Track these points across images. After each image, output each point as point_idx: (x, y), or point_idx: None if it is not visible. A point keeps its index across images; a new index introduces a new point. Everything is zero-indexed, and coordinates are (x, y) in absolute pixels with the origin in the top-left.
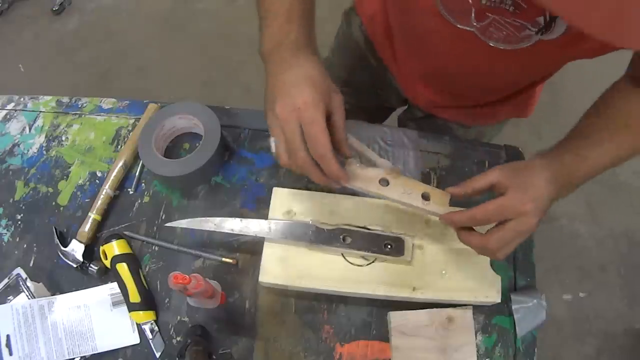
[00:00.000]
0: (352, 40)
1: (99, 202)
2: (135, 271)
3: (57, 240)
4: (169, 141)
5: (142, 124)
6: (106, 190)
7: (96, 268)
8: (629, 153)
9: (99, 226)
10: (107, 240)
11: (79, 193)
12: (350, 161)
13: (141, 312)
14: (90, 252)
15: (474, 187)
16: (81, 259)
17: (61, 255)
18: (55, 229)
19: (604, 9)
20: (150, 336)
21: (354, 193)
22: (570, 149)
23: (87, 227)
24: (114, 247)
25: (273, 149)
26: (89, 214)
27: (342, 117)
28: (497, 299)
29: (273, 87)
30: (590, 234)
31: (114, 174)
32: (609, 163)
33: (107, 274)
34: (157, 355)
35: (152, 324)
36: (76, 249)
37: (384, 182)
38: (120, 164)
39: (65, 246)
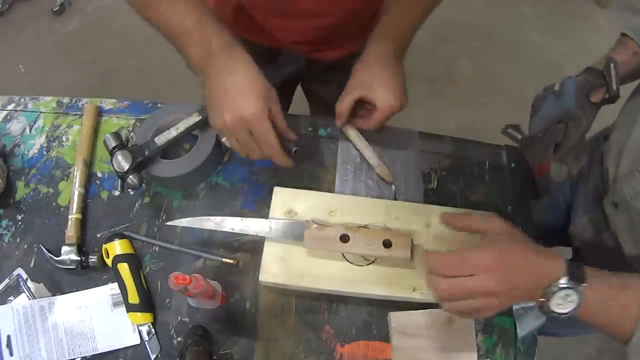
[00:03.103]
0: None
1: (74, 202)
2: (135, 272)
3: (48, 255)
4: None
5: (86, 124)
6: (77, 190)
7: (94, 258)
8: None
9: (83, 223)
10: (110, 239)
11: None
12: (309, 224)
13: (139, 314)
14: (84, 248)
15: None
16: (77, 258)
17: (59, 266)
18: (42, 246)
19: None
20: (146, 338)
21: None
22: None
23: (71, 229)
24: (116, 247)
25: (228, 145)
26: (69, 216)
27: (279, 109)
28: None
29: (216, 95)
30: None
31: (78, 173)
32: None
33: (107, 268)
34: (152, 357)
35: (149, 326)
36: (69, 253)
37: (345, 238)
38: (80, 162)
39: (59, 256)
